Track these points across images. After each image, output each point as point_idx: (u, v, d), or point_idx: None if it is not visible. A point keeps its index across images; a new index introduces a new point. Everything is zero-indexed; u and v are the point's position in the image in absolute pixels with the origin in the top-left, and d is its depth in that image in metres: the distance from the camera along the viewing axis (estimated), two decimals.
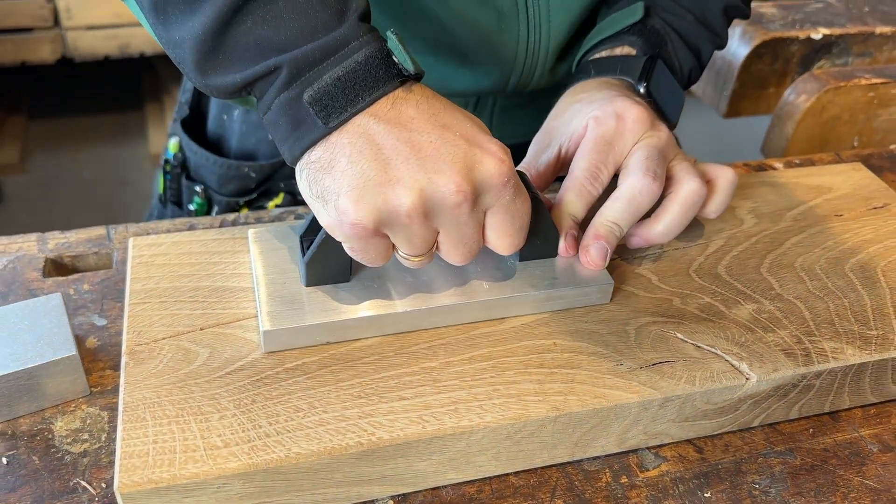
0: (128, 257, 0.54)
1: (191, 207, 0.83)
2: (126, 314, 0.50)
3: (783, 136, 0.99)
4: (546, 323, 0.52)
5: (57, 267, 0.62)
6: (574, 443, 0.49)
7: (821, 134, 0.99)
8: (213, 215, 0.80)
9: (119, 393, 0.46)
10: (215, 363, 0.48)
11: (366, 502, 0.47)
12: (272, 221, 0.66)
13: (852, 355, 0.52)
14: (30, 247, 0.62)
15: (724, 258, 0.59)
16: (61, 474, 0.47)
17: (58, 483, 0.46)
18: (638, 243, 0.56)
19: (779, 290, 0.56)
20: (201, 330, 0.50)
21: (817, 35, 1.08)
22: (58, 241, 0.63)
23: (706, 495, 0.49)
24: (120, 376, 0.47)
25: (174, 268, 0.54)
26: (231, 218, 0.67)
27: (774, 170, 0.76)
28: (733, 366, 0.50)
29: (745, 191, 0.66)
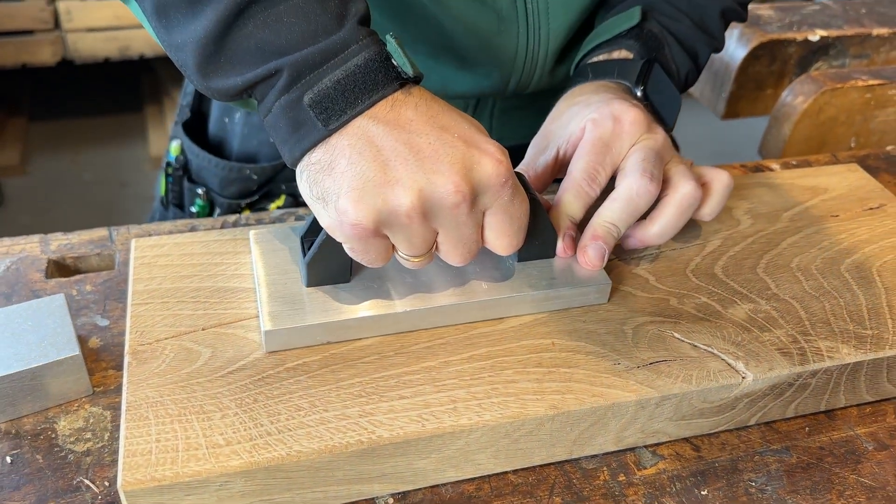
0: (130, 258, 0.55)
1: (192, 210, 0.83)
2: (129, 314, 0.51)
3: (780, 137, 0.99)
4: (544, 323, 0.53)
5: (59, 268, 0.62)
6: (572, 441, 0.49)
7: (818, 135, 1.00)
8: (215, 217, 0.81)
9: (122, 392, 0.46)
10: (217, 363, 0.48)
11: (366, 500, 0.47)
12: (273, 223, 0.66)
13: (847, 354, 0.52)
14: (32, 248, 0.63)
15: (720, 258, 0.59)
16: (65, 473, 0.47)
17: (61, 482, 0.47)
18: (634, 244, 0.57)
19: (775, 290, 0.57)
20: (203, 330, 0.50)
21: (814, 37, 1.08)
22: (60, 243, 0.63)
23: (703, 493, 0.49)
24: (123, 376, 0.47)
25: (176, 269, 0.54)
26: (232, 219, 0.67)
27: (771, 171, 0.76)
28: (730, 365, 0.51)
29: (741, 192, 0.67)
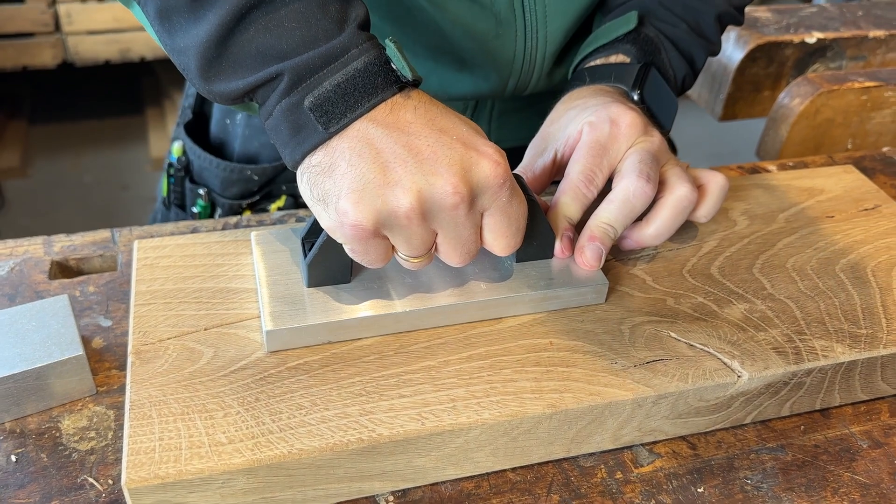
0: (133, 260, 0.55)
1: (194, 210, 0.84)
2: (132, 315, 0.51)
3: (778, 138, 1.00)
4: (542, 322, 0.53)
5: (63, 269, 0.63)
6: (570, 439, 0.50)
7: (815, 137, 1.00)
8: (217, 217, 0.81)
9: (126, 391, 0.47)
10: (219, 362, 0.49)
11: (367, 497, 0.48)
12: (274, 224, 0.67)
13: (842, 353, 0.53)
14: (36, 250, 0.63)
15: (716, 259, 0.60)
16: (69, 471, 0.48)
17: (65, 480, 0.48)
18: (630, 245, 0.57)
19: (770, 290, 0.57)
20: (205, 330, 0.51)
21: (811, 39, 1.09)
22: (63, 244, 0.64)
23: (699, 490, 0.50)
24: (125, 376, 0.48)
25: (178, 270, 0.55)
26: (233, 221, 0.68)
27: (768, 172, 0.77)
28: (725, 364, 0.51)
29: (738, 193, 0.67)
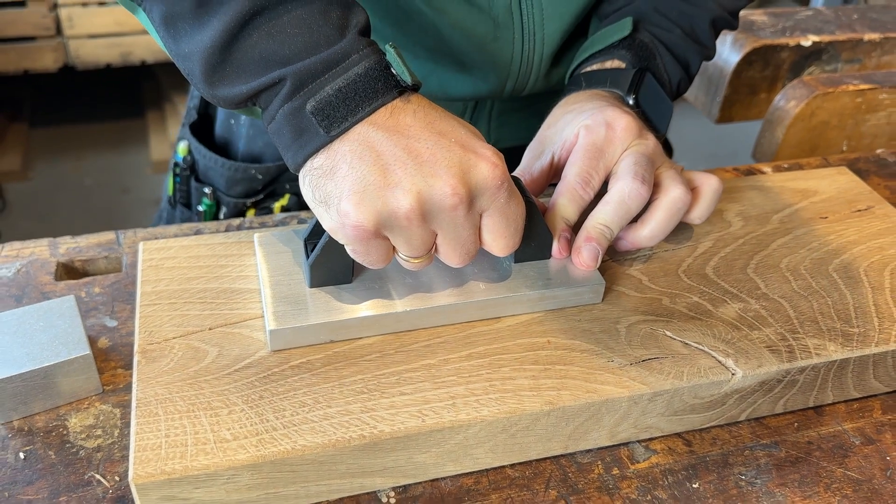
0: (138, 261, 0.56)
1: (200, 209, 0.85)
2: (137, 315, 0.52)
3: (773, 141, 1.01)
4: (540, 322, 0.54)
5: (68, 271, 0.64)
6: (567, 436, 0.51)
7: (810, 139, 1.01)
8: (222, 216, 0.82)
9: (132, 390, 0.48)
10: (224, 361, 0.49)
11: (368, 493, 0.49)
12: (276, 226, 0.68)
13: (834, 351, 0.54)
14: (42, 251, 0.64)
15: (711, 259, 0.61)
16: (76, 468, 0.49)
17: (73, 476, 0.48)
18: (625, 246, 0.58)
19: (764, 290, 0.58)
20: (210, 330, 0.52)
21: (807, 42, 1.10)
22: (69, 246, 0.65)
23: (694, 486, 0.51)
24: (131, 374, 0.49)
25: (183, 270, 0.56)
26: (237, 223, 0.69)
27: (763, 174, 0.78)
28: (719, 362, 0.52)
29: (733, 194, 0.68)
